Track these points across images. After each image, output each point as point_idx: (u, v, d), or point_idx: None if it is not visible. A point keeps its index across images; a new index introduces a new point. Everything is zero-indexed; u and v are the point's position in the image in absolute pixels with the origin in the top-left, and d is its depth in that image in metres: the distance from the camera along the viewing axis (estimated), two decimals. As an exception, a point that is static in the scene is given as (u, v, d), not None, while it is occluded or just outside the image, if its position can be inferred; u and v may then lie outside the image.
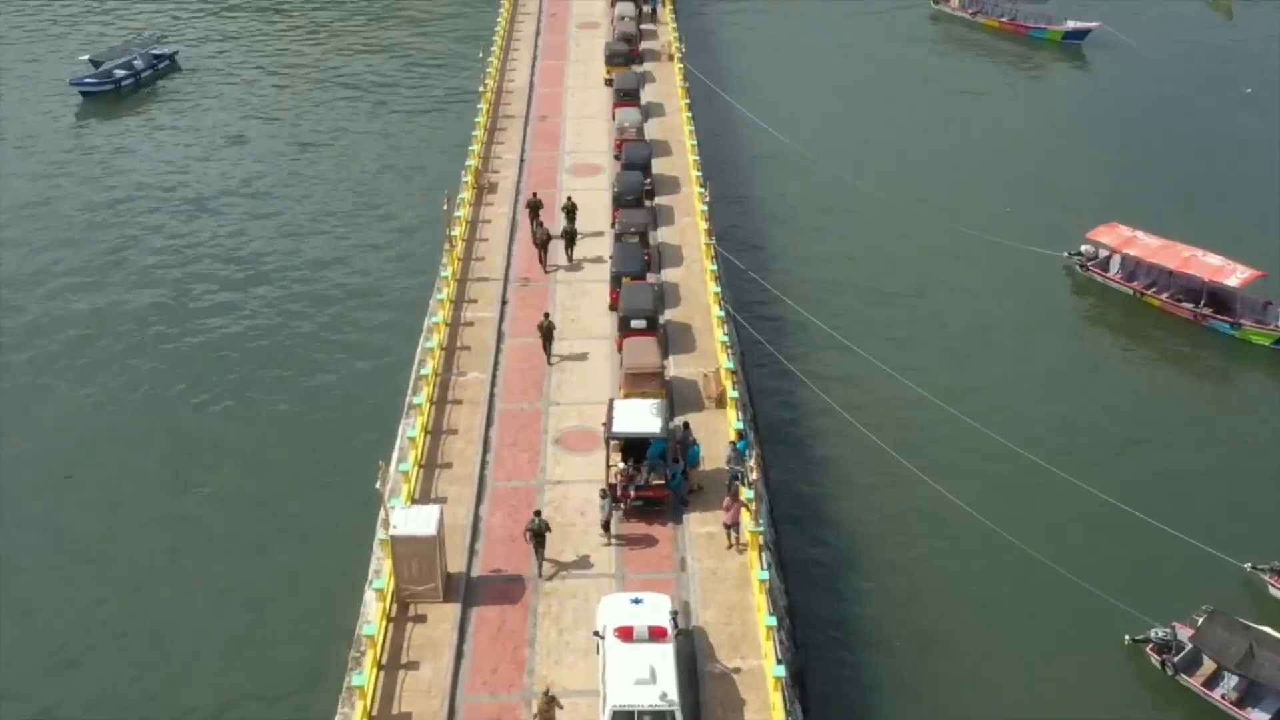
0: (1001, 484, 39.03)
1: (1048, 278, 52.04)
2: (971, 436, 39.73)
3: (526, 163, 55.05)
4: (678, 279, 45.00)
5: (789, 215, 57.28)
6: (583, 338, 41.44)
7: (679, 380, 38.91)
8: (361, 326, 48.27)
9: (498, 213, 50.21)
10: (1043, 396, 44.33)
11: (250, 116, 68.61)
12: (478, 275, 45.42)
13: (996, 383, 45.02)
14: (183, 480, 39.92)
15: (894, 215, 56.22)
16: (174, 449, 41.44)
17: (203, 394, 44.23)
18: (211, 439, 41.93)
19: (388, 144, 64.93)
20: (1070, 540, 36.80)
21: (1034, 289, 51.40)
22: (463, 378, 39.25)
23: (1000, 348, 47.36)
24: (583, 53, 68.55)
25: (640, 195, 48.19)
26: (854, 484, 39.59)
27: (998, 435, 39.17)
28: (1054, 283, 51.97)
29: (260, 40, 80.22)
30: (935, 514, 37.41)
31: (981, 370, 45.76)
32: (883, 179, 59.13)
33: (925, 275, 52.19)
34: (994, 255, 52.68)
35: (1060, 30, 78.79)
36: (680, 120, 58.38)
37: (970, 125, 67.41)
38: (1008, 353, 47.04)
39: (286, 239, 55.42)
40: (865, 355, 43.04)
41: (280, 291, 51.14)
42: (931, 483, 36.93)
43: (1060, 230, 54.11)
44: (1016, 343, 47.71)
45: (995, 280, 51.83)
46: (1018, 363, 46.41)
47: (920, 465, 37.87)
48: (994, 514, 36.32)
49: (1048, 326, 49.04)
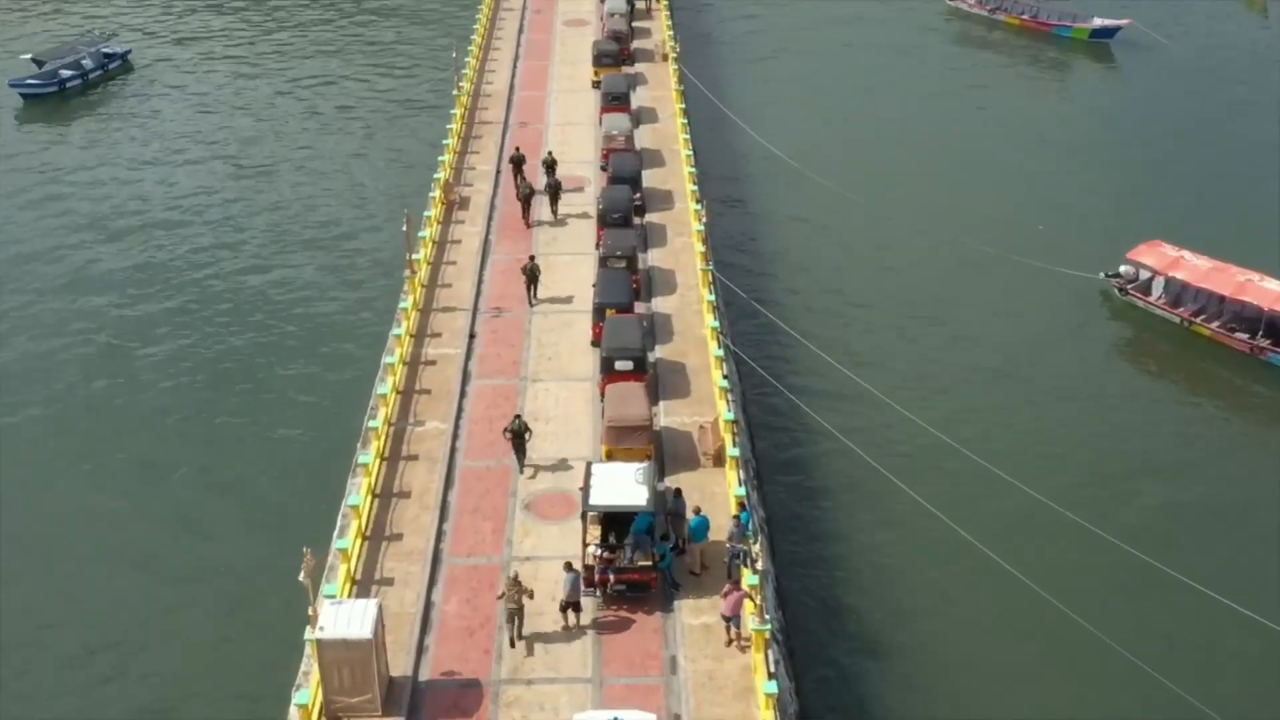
0: (1042, 540, 34.39)
1: (1082, 302, 47.35)
2: (1004, 487, 35.03)
3: (502, 175, 50.34)
4: (670, 309, 40.31)
5: (795, 235, 52.59)
6: (561, 379, 36.76)
7: (671, 431, 34.20)
8: (309, 369, 43.05)
9: (468, 231, 45.51)
10: (1079, 438, 39.59)
11: (206, 123, 63.85)
12: (443, 304, 40.70)
13: (1027, 423, 40.27)
14: (84, 547, 35.14)
15: (910, 234, 51.59)
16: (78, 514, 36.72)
17: (103, 458, 39.31)
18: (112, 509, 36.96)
19: (353, 153, 60.18)
20: (1115, 601, 32.42)
21: (1066, 315, 46.73)
22: (420, 428, 34.52)
23: (1030, 382, 42.59)
24: (569, 53, 63.96)
25: (628, 213, 43.51)
26: (881, 548, 34.83)
27: (1035, 490, 34.46)
28: (1089, 308, 47.26)
29: (220, 39, 75.50)
30: (982, 581, 32.71)
31: (1009, 409, 40.99)
32: (897, 194, 54.61)
33: (945, 301, 47.49)
34: (1021, 277, 48.02)
35: (1087, 28, 74.18)
36: (674, 127, 53.73)
37: (991, 133, 62.77)
38: (1038, 387, 42.28)
39: (237, 258, 50.61)
40: (885, 398, 38.27)
41: (227, 318, 46.31)
42: (981, 546, 32.20)
43: (1095, 249, 49.49)
44: (1048, 376, 42.93)
45: (1023, 305, 47.17)
46: (1049, 399, 41.65)
47: (958, 520, 33.15)
48: (1042, 577, 31.67)
49: (1082, 357, 44.33)
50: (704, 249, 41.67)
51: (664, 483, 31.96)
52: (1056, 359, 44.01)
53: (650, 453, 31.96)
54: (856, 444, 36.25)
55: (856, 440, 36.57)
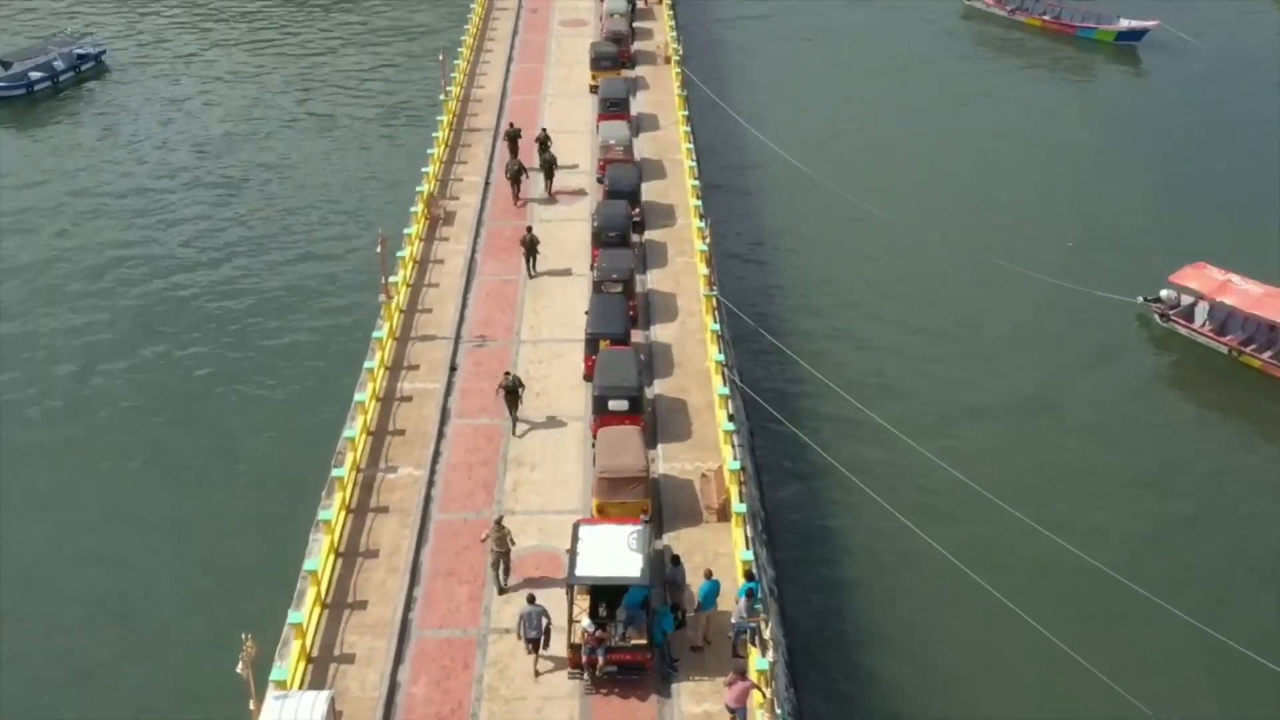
0: (1081, 599, 31.28)
1: (1117, 328, 44.07)
2: (1037, 538, 31.81)
3: (492, 186, 47.12)
4: (670, 338, 37.05)
5: (807, 251, 49.31)
6: (549, 418, 33.48)
7: (670, 481, 30.94)
8: (273, 402, 39.76)
9: (452, 250, 42.27)
10: (1114, 480, 36.37)
11: (181, 129, 60.63)
12: (423, 332, 37.47)
13: (1058, 464, 36.99)
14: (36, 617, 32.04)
15: (929, 250, 48.40)
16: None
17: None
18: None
19: (332, 164, 56.81)
20: (1160, 667, 29.47)
21: (1101, 343, 43.46)
22: (392, 475, 31.27)
23: (1060, 418, 39.34)
24: (566, 54, 60.74)
25: (626, 231, 40.26)
26: (906, 612, 31.58)
27: (1069, 541, 31.28)
28: (1126, 335, 43.98)
29: (197, 39, 72.30)
30: (1020, 645, 29.52)
31: (1039, 449, 37.73)
32: (914, 204, 51.37)
33: (968, 325, 44.21)
34: (1049, 299, 44.89)
35: (1113, 30, 70.83)
36: (677, 135, 50.47)
37: (1012, 140, 59.40)
38: (1069, 424, 39.03)
39: (205, 277, 47.36)
40: (904, 436, 35.00)
41: (191, 342, 43.12)
42: (1018, 610, 28.96)
43: (1131, 269, 46.28)
44: (1080, 411, 39.67)
45: (1052, 331, 43.93)
46: (1081, 436, 38.41)
47: (988, 574, 29.98)
48: (1084, 641, 28.56)
49: (1118, 390, 40.99)
50: (707, 271, 38.38)
51: (661, 540, 28.79)
52: (1089, 392, 40.70)
53: (647, 507, 28.72)
54: (876, 490, 32.92)
55: (876, 486, 33.26)
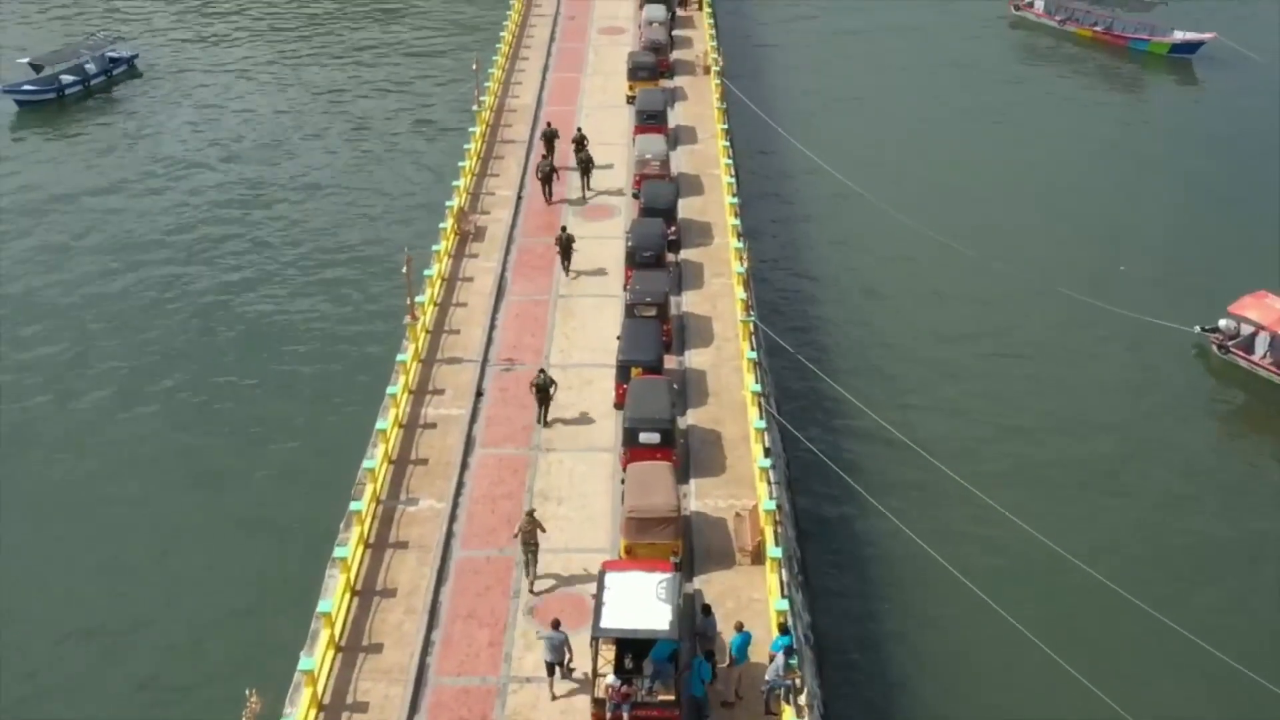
0: (1143, 657, 29.85)
1: (1174, 359, 42.42)
2: (1092, 587, 30.27)
3: (524, 201, 45.99)
4: (705, 365, 35.72)
5: (849, 272, 47.84)
6: (578, 449, 32.26)
7: (702, 519, 29.62)
8: (295, 425, 38.59)
9: (482, 268, 41.13)
10: (1171, 522, 34.82)
11: (211, 136, 59.93)
12: (449, 355, 36.33)
13: (1112, 506, 35.40)
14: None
15: (976, 272, 46.76)
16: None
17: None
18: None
19: (364, 175, 55.80)
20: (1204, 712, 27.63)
21: (1156, 374, 41.78)
22: (413, 508, 30.13)
23: (1113, 455, 37.75)
24: (603, 63, 59.51)
25: (661, 251, 38.94)
26: (952, 668, 30.09)
27: (1127, 589, 29.70)
28: (1182, 366, 42.28)
29: (231, 45, 71.57)
30: (1079, 702, 28.02)
31: (1092, 488, 36.14)
32: (960, 226, 49.69)
33: (1017, 352, 42.67)
34: (1101, 325, 43.32)
35: (1166, 42, 68.88)
36: (715, 150, 49.13)
37: (1061, 156, 57.67)
38: (1122, 462, 37.44)
39: (228, 290, 46.55)
40: (950, 472, 33.40)
41: (211, 356, 42.32)
42: (1072, 670, 27.50)
43: (1187, 296, 44.64)
44: (1134, 447, 38.08)
45: (1105, 361, 42.30)
46: (1136, 476, 36.82)
47: (1039, 628, 28.45)
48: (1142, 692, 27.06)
49: (1174, 425, 39.30)
50: (745, 295, 36.98)
51: (692, 582, 27.51)
52: (1143, 426, 39.07)
53: (677, 548, 27.44)
54: (919, 530, 31.44)
55: (919, 526, 31.78)
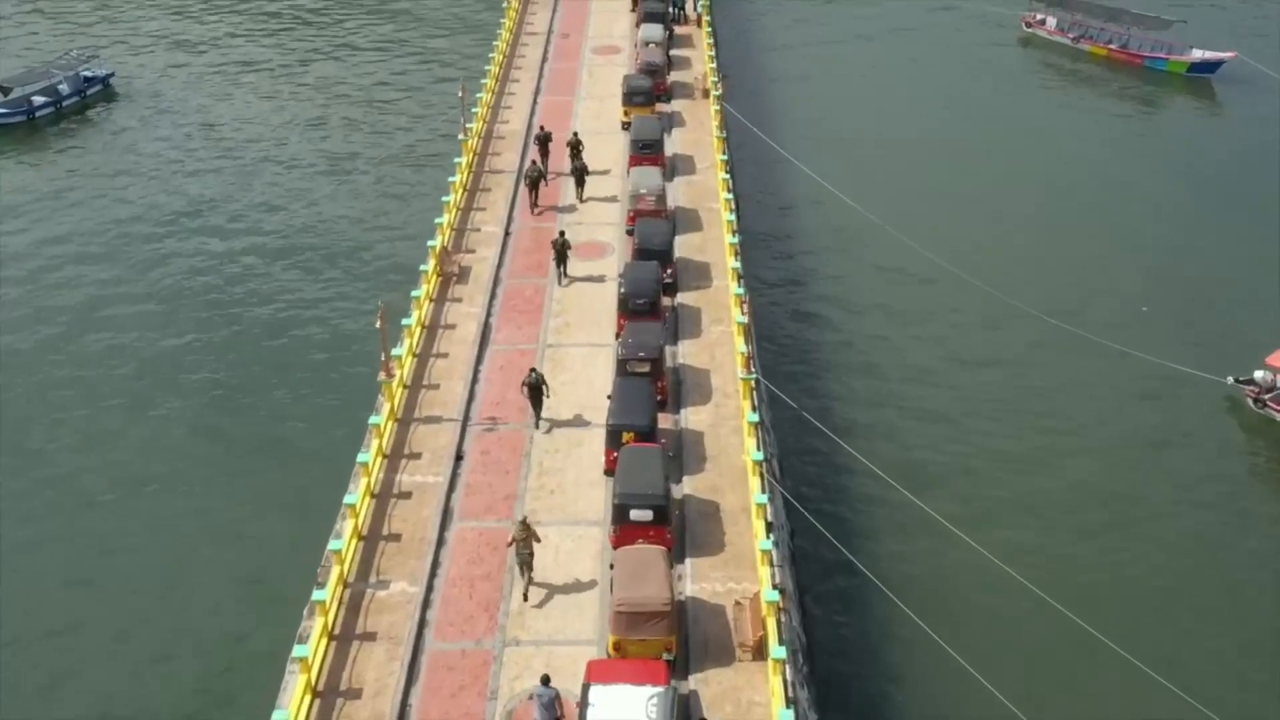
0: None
1: (1204, 411, 40.02)
2: (1114, 662, 28.00)
3: (512, 237, 43.62)
4: (703, 425, 33.30)
5: (854, 309, 45.56)
6: (564, 522, 29.85)
7: (699, 606, 27.21)
8: (257, 498, 35.97)
9: (465, 313, 38.73)
10: (1204, 594, 32.53)
11: (189, 160, 57.80)
12: (427, 413, 33.92)
13: (1141, 572, 33.13)
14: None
15: (990, 309, 44.43)
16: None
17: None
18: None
19: (342, 209, 53.26)
20: None
21: (1185, 427, 39.42)
22: (382, 592, 27.73)
23: (1140, 516, 35.49)
24: (598, 85, 57.10)
25: (656, 298, 36.52)
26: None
27: (1162, 675, 27.40)
28: (1213, 419, 39.83)
29: (210, 64, 69.11)
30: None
31: (1116, 551, 33.94)
32: (971, 255, 47.68)
33: (1034, 401, 40.41)
34: (1126, 373, 41.03)
35: (1185, 61, 66.56)
36: (715, 182, 46.72)
37: (1078, 186, 55.34)
38: (1150, 522, 35.19)
39: (196, 336, 44.20)
40: (968, 539, 31.14)
41: (171, 406, 40.00)
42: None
43: (1217, 342, 42.44)
44: (1162, 507, 35.82)
45: (1129, 411, 40.00)
46: (1167, 540, 34.55)
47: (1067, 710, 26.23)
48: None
49: (1206, 484, 36.92)
50: (746, 349, 34.51)
51: (688, 681, 25.13)
52: (1171, 485, 36.74)
53: (671, 644, 25.07)
54: (932, 613, 29.14)
55: (931, 607, 29.49)
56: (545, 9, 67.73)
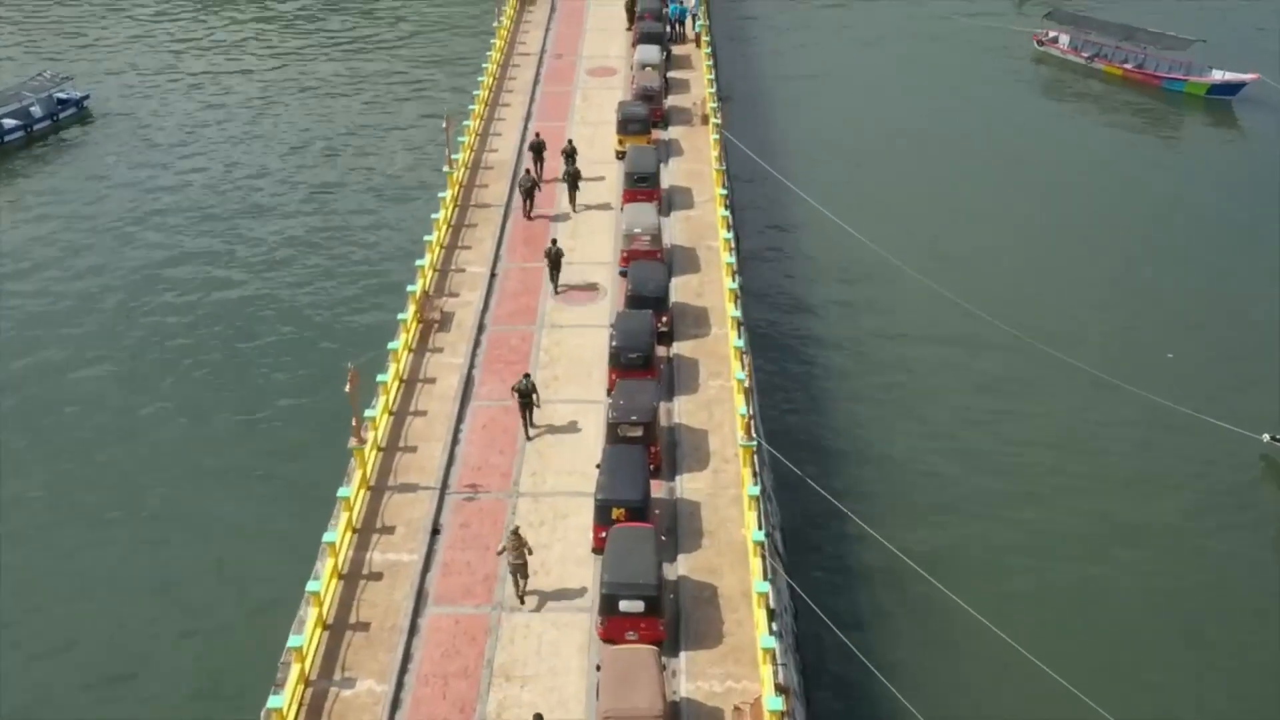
0: None
1: (1238, 470, 37.64)
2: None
3: (499, 279, 41.32)
4: (700, 494, 30.94)
5: (865, 360, 43.02)
6: (548, 607, 27.50)
7: (693, 708, 24.85)
8: (224, 589, 33.36)
9: (447, 365, 36.39)
10: (1242, 675, 30.12)
11: (166, 192, 55.51)
12: (402, 480, 31.56)
13: (1169, 651, 30.84)
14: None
15: (1009, 351, 42.12)
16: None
17: None
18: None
19: (321, 246, 50.44)
20: None
21: (1214, 486, 37.07)
22: (348, 691, 25.37)
23: (1169, 585, 33.15)
24: (592, 110, 54.74)
25: (649, 352, 34.19)
26: None
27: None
28: (1247, 480, 37.41)
29: (189, 88, 66.51)
30: None
31: (1148, 630, 31.58)
32: (986, 291, 45.62)
33: (1055, 463, 37.95)
34: (1152, 424, 38.83)
35: (1205, 82, 64.27)
36: (714, 217, 44.42)
37: (1094, 216, 53.10)
38: (1183, 600, 32.76)
39: (168, 381, 41.99)
40: (991, 626, 28.78)
41: (148, 447, 37.74)
42: None
43: (1250, 393, 40.03)
44: (1195, 579, 33.41)
45: (1156, 468, 37.74)
46: (1200, 615, 32.26)
47: None
48: None
49: (1242, 552, 34.52)
50: (747, 411, 32.04)
51: (683, 799, 22.81)
52: (1205, 552, 34.42)
53: (663, 768, 22.75)
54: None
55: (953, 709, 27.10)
56: (538, 28, 65.50)
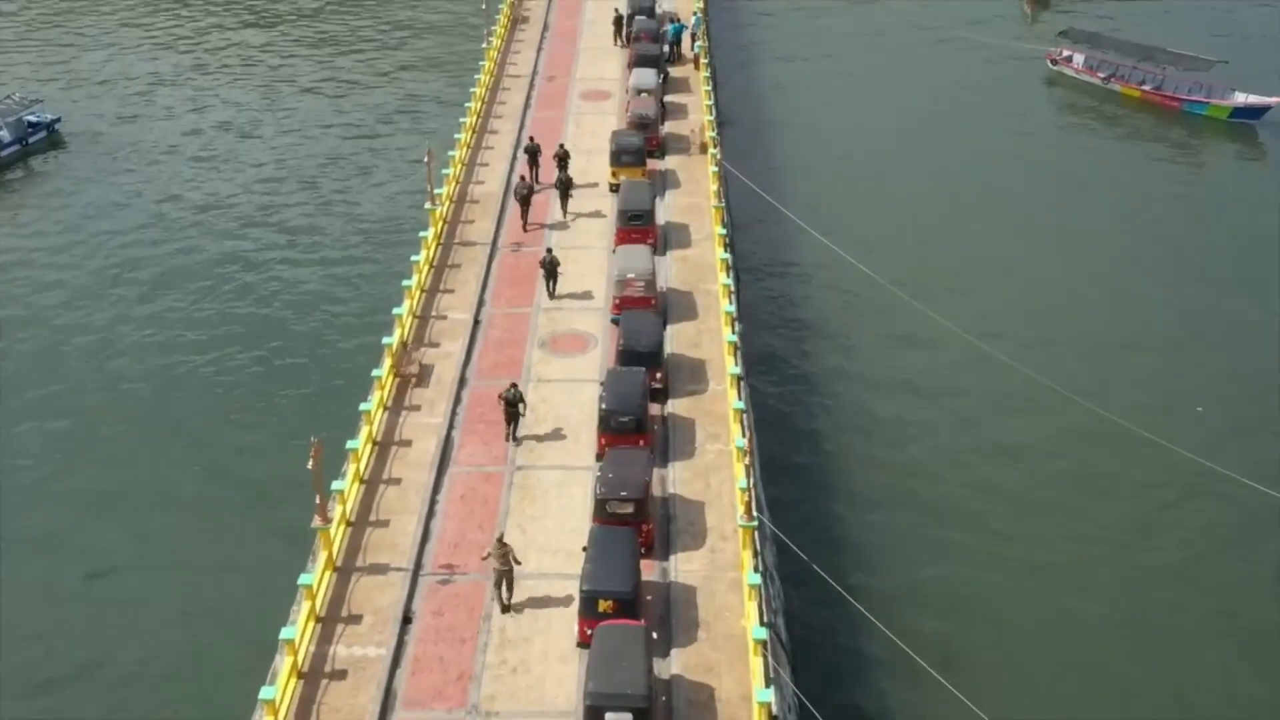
0: None
1: (1276, 534, 35.20)
2: None
3: (483, 326, 38.95)
4: (696, 578, 28.50)
5: (872, 417, 40.42)
6: (527, 713, 25.07)
7: (688, 838, 22.56)
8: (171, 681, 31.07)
9: (424, 425, 33.96)
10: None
11: (139, 218, 53.27)
12: (372, 560, 29.15)
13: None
14: None
15: (1029, 399, 39.99)
16: None
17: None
18: None
19: (292, 288, 47.66)
20: None
21: (1255, 553, 34.58)
22: (302, 818, 23.07)
23: (1197, 655, 30.91)
24: (584, 138, 52.30)
25: (642, 415, 31.74)
26: None
27: None
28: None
29: (165, 111, 64.01)
30: None
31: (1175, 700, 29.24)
32: (1003, 330, 43.66)
33: (1076, 510, 35.97)
34: (1178, 480, 36.61)
35: (1227, 105, 61.89)
36: (713, 257, 42.05)
37: (1112, 246, 50.90)
38: (1213, 664, 30.49)
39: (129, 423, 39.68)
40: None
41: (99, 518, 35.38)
42: None
43: None
44: (1229, 646, 31.20)
45: (1185, 529, 35.50)
46: (1235, 683, 29.99)
47: None
48: None
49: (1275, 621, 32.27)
50: (747, 485, 29.52)
51: None
52: (1239, 620, 32.04)
53: None
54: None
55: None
56: (530, 47, 63.20)
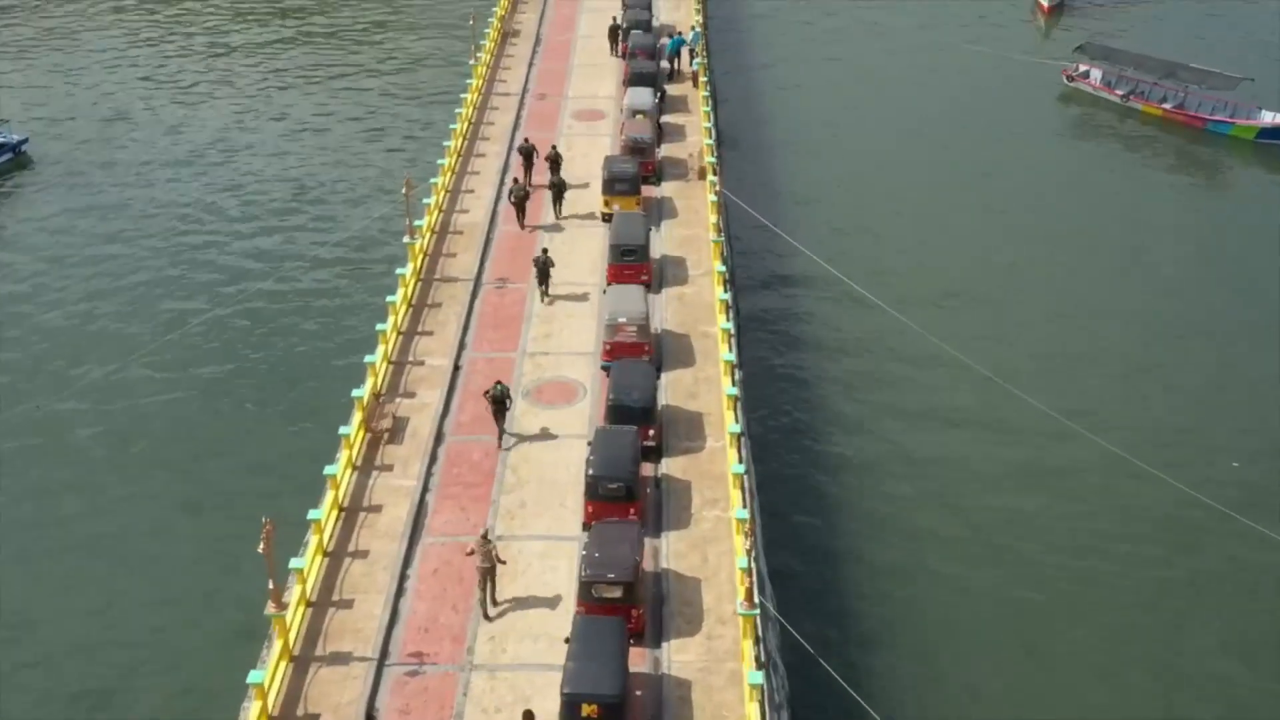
0: None
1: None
2: None
3: (463, 373, 36.40)
4: (690, 671, 25.86)
5: (883, 478, 37.59)
6: (500, 833, 22.60)
7: None
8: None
9: (397, 488, 31.38)
10: None
11: (113, 234, 50.91)
12: (332, 648, 26.47)
13: None
14: None
15: (1045, 445, 37.53)
16: None
17: None
18: None
19: (267, 333, 44.46)
20: None
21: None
22: None
23: None
24: (576, 163, 49.14)
25: (632, 481, 29.15)
26: None
27: None
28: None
29: (139, 132, 61.24)
30: None
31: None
32: (1019, 367, 41.15)
33: (1106, 568, 33.53)
34: (1215, 536, 33.94)
35: (1254, 125, 59.28)
36: (711, 296, 39.51)
37: (1132, 276, 48.30)
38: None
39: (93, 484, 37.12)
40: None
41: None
42: None
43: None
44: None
45: (1225, 589, 32.89)
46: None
47: None
48: None
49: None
50: (748, 565, 26.84)
51: None
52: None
53: None
54: None
55: None
56: (521, 63, 60.72)
